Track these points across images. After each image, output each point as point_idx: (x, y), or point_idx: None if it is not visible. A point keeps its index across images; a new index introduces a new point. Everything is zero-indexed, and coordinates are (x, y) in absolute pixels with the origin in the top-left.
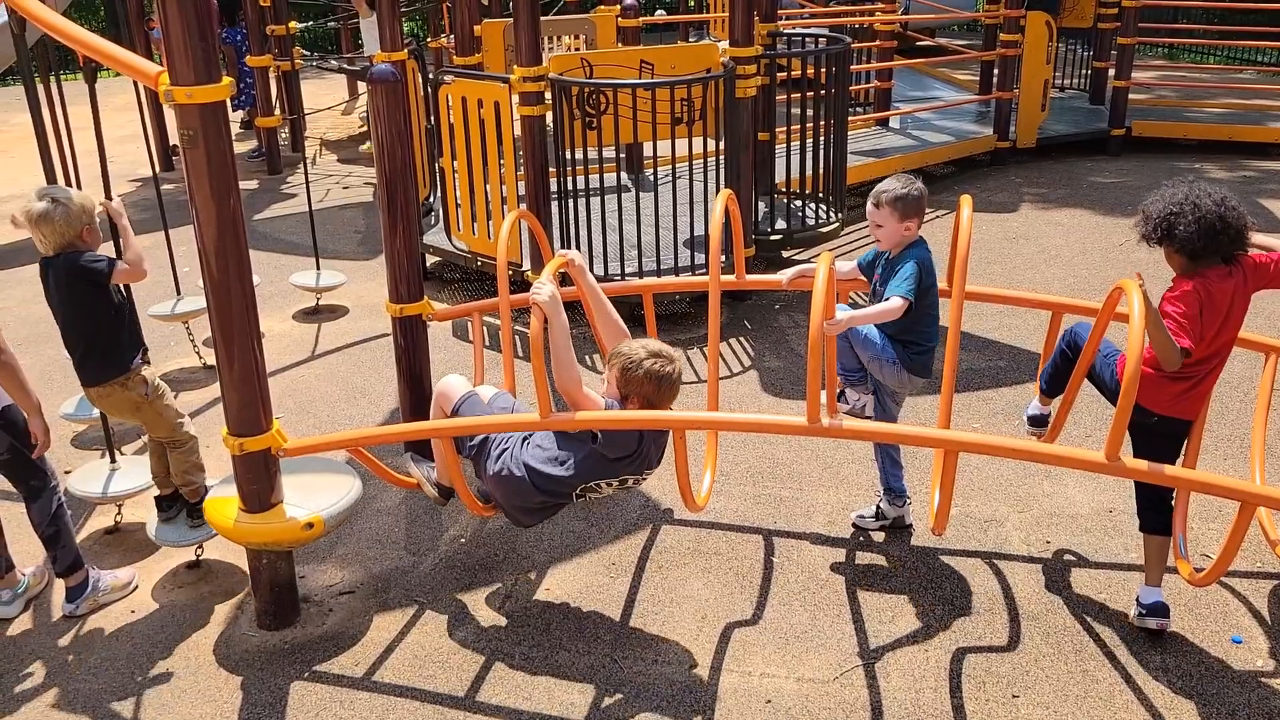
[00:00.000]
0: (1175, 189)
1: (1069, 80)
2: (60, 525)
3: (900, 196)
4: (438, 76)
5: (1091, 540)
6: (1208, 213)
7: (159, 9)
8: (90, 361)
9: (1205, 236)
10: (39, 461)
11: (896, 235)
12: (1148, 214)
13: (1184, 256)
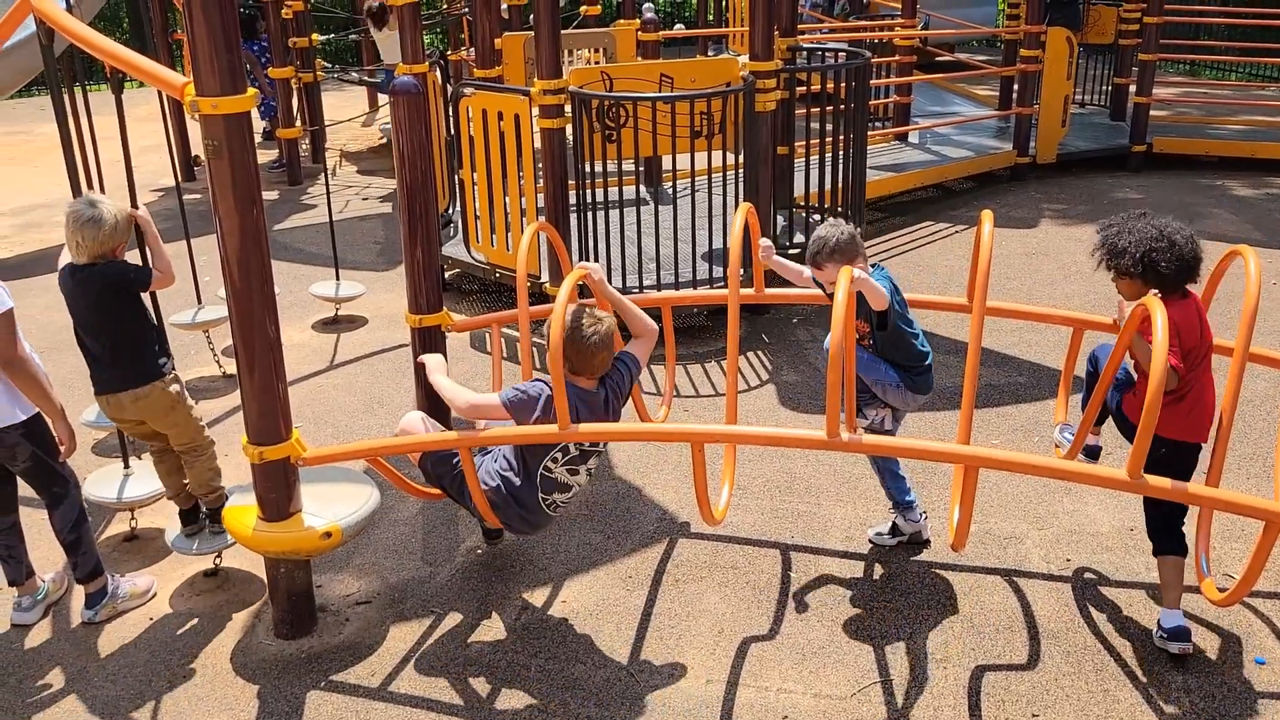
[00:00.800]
0: (1139, 223)
1: (1089, 96)
2: (81, 532)
3: (835, 249)
4: (458, 89)
5: (1113, 559)
6: (1184, 248)
7: (186, 22)
8: (121, 367)
9: (1184, 271)
10: (61, 468)
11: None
12: (1119, 248)
13: (1156, 287)
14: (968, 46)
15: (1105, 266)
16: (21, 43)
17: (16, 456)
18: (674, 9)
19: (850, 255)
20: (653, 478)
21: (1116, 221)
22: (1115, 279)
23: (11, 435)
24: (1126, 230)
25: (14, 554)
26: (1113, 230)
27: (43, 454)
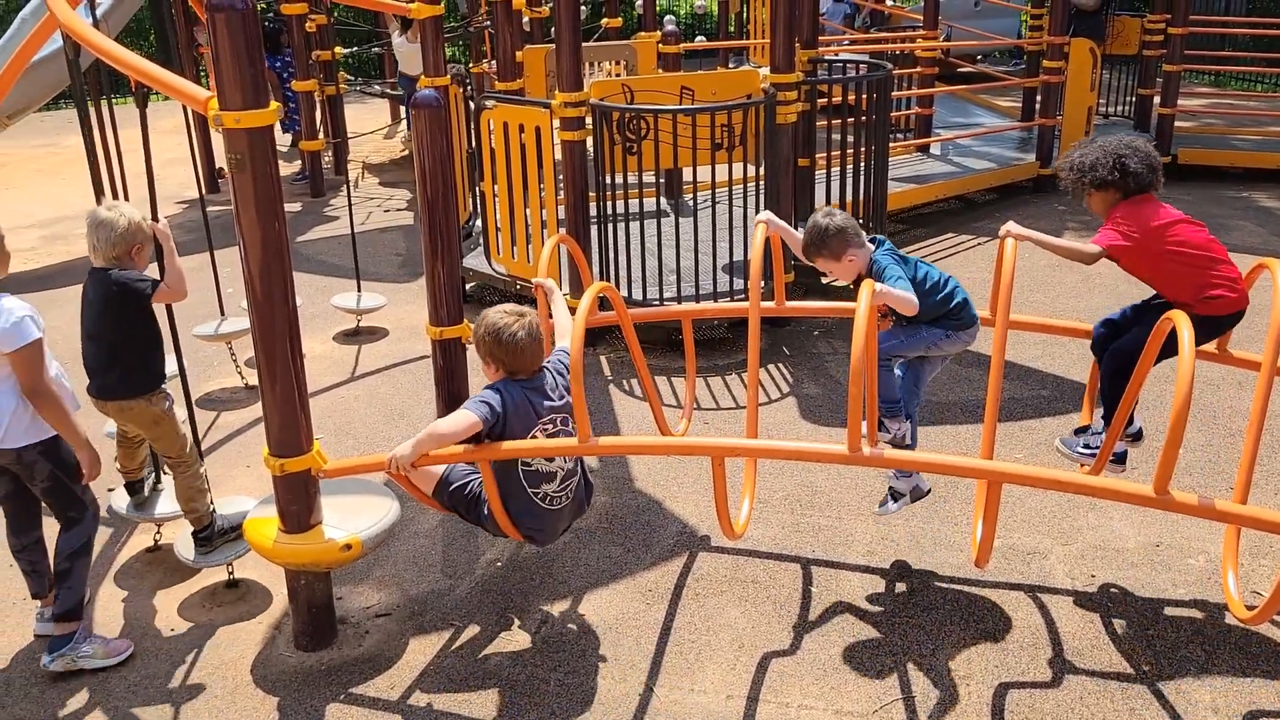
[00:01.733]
0: (1097, 141)
1: (1113, 107)
2: (75, 565)
3: (823, 241)
4: (479, 102)
5: (1138, 575)
6: (1146, 149)
7: (209, 37)
8: (113, 376)
9: (1153, 169)
10: (81, 493)
11: (849, 270)
12: (1089, 163)
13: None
14: (990, 57)
15: (1079, 185)
16: (49, 57)
17: (35, 475)
18: (695, 21)
19: (838, 249)
20: (673, 491)
21: (1075, 148)
22: (1089, 196)
23: (30, 453)
24: (1089, 149)
25: (37, 568)
26: (1076, 155)
27: (62, 475)
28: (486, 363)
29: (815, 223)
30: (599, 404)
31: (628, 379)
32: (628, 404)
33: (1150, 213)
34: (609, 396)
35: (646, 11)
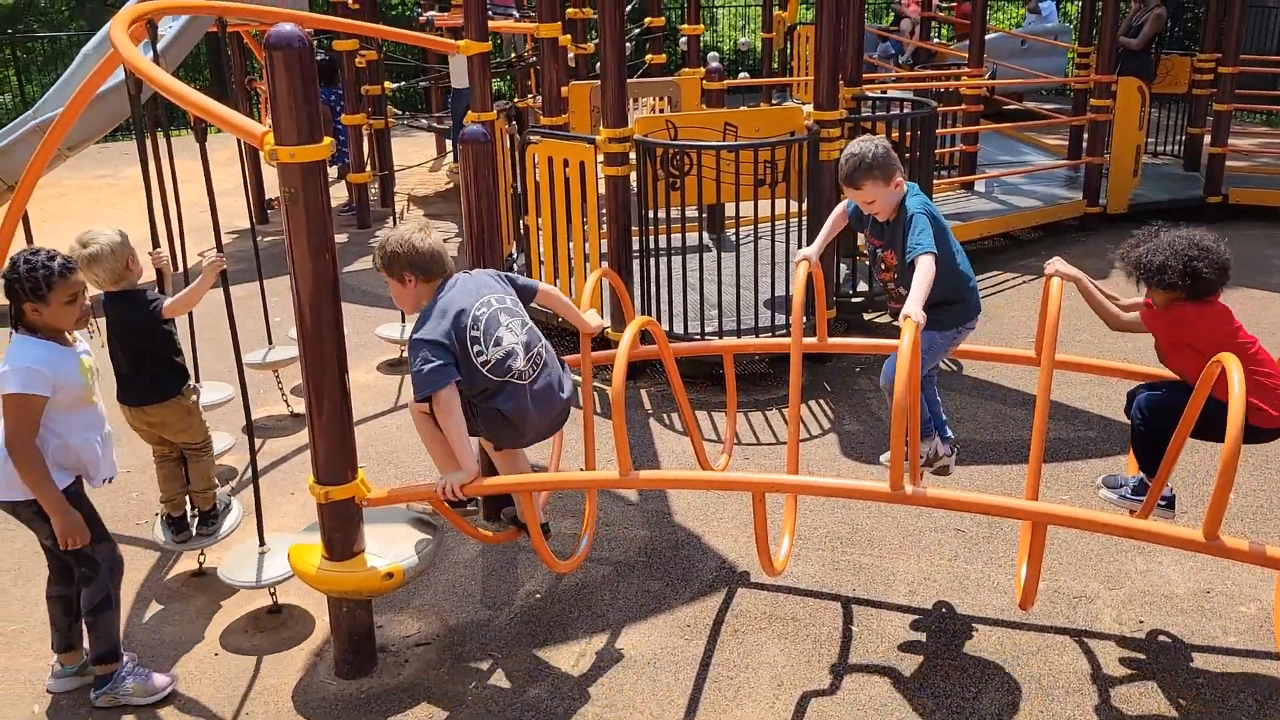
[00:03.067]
0: (1166, 237)
1: (1163, 146)
2: (100, 618)
3: (872, 164)
4: (525, 137)
5: (1188, 622)
6: (1218, 251)
7: (267, 75)
8: (142, 386)
9: (1224, 274)
10: (93, 551)
11: (892, 199)
12: (1158, 264)
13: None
14: (1035, 95)
15: (1146, 284)
16: (109, 91)
17: (37, 532)
18: (738, 57)
19: (888, 170)
20: (712, 525)
21: (1139, 240)
22: (1151, 292)
23: (25, 511)
24: (1156, 247)
25: (56, 624)
26: (1141, 250)
27: None
28: (404, 280)
29: (859, 148)
30: (639, 437)
31: (668, 413)
32: (668, 438)
33: (1216, 320)
34: (649, 430)
35: (690, 48)
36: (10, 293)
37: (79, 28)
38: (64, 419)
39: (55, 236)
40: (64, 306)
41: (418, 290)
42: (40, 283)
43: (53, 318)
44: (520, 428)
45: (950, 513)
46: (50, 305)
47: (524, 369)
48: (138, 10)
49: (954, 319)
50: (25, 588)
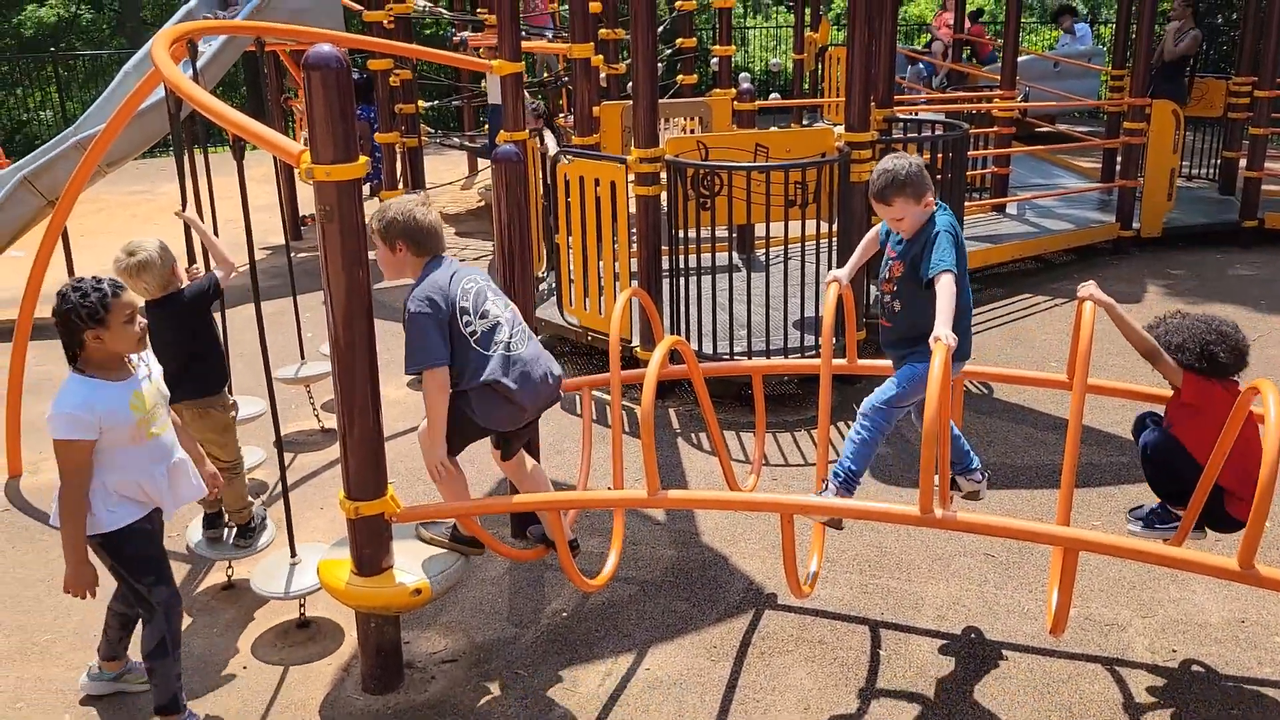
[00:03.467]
0: (1186, 320)
1: (1197, 169)
2: (157, 665)
3: (906, 181)
4: (557, 155)
5: (1222, 652)
6: (1235, 337)
7: (305, 94)
8: (186, 384)
9: (1240, 359)
10: (149, 593)
11: (920, 218)
12: (1176, 345)
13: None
14: (1068, 117)
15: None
16: (149, 108)
17: (101, 562)
18: (769, 78)
19: (920, 188)
20: (740, 546)
21: (1161, 322)
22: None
23: (91, 541)
24: (1176, 329)
25: (107, 633)
26: (1161, 330)
27: (123, 572)
28: (395, 248)
29: (892, 164)
30: (666, 457)
31: (695, 432)
32: (695, 457)
33: (1229, 397)
34: (677, 449)
35: (722, 69)
36: (68, 325)
37: (120, 46)
38: (121, 454)
39: (94, 251)
40: (124, 327)
41: (405, 261)
42: (96, 306)
43: (114, 341)
44: (517, 400)
45: (980, 537)
46: (110, 328)
47: (511, 339)
48: (179, 30)
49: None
50: (58, 598)
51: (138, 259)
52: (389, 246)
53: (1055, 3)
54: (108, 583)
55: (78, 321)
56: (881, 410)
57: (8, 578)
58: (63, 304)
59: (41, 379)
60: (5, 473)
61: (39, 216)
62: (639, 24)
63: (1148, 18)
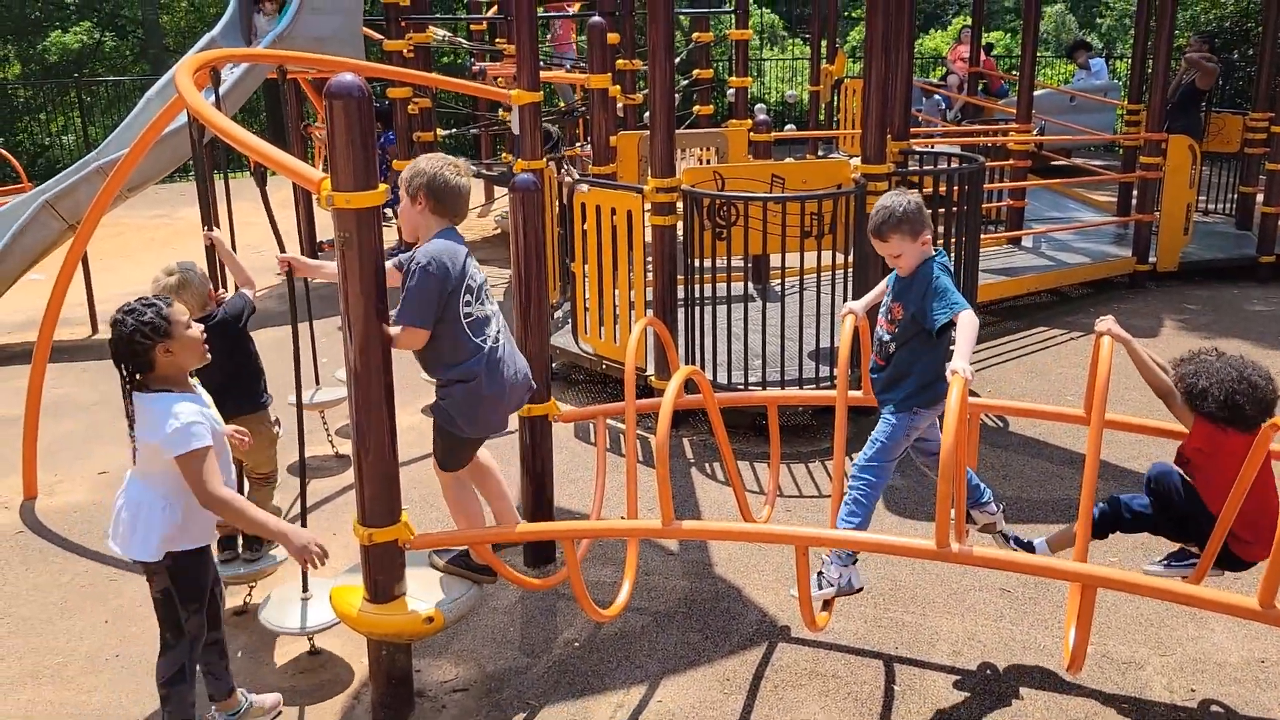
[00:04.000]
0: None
1: (1214, 204)
2: (172, 693)
3: (903, 218)
4: (574, 184)
5: (1242, 692)
6: (1264, 389)
7: (327, 121)
8: (232, 398)
9: (1266, 412)
10: (185, 621)
11: (918, 254)
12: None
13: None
14: (1084, 151)
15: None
16: (170, 134)
17: (152, 584)
18: (784, 109)
19: (917, 226)
20: (753, 578)
21: (1193, 360)
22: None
23: (155, 564)
24: (1205, 371)
25: (212, 670)
26: (1189, 369)
27: (175, 594)
28: (417, 201)
29: (890, 201)
30: (680, 486)
31: (709, 462)
32: (709, 487)
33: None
34: (690, 479)
35: (738, 100)
36: (134, 346)
37: (142, 72)
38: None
39: (112, 275)
40: (187, 334)
41: (424, 218)
42: (156, 319)
43: (182, 350)
44: (505, 401)
45: (995, 572)
46: (176, 338)
47: (499, 335)
48: (203, 58)
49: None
50: (70, 621)
51: (176, 279)
52: (411, 197)
53: (1071, 38)
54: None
55: (145, 339)
56: (873, 468)
57: (21, 600)
58: (123, 328)
59: (59, 401)
60: (21, 495)
61: (60, 240)
62: (657, 55)
63: (1164, 52)
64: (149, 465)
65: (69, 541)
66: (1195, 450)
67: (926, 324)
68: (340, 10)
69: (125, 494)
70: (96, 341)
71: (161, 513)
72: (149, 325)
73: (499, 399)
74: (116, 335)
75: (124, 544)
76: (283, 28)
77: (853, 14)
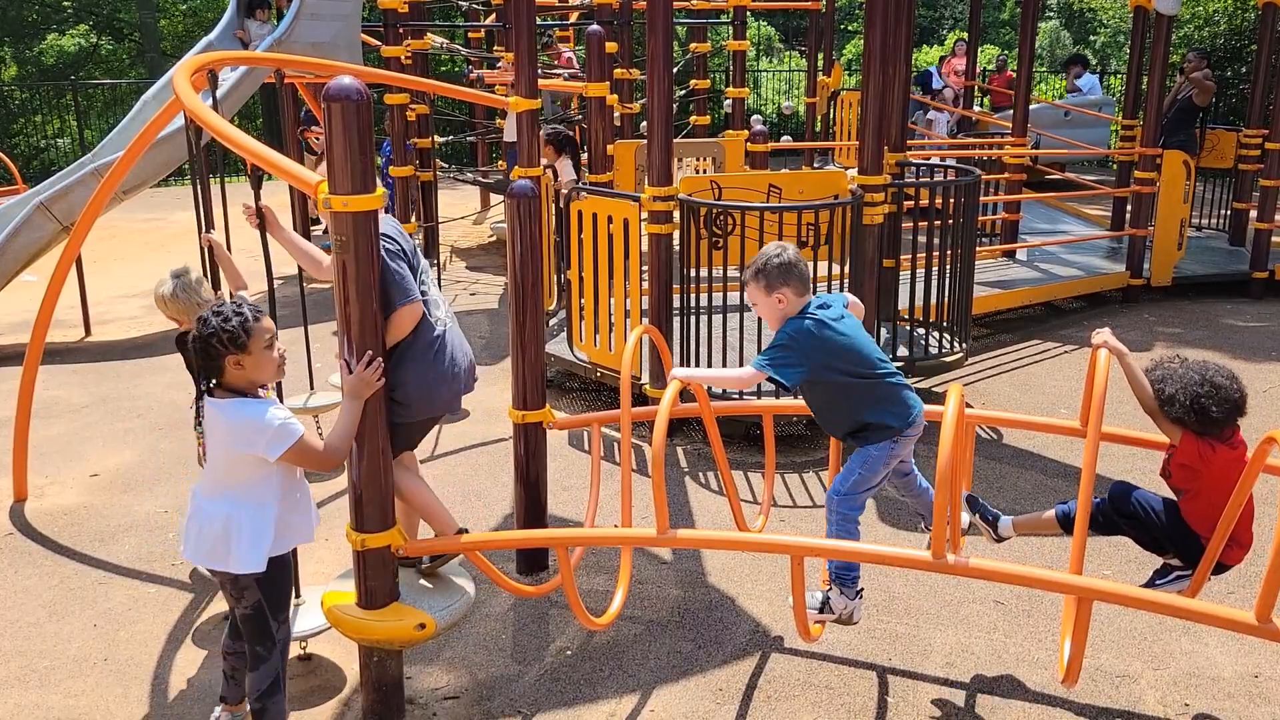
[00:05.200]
0: (1181, 369)
1: (1207, 220)
2: (268, 705)
3: (760, 269)
4: (571, 192)
5: (1235, 707)
6: (1229, 389)
7: (324, 126)
8: None
9: (1234, 413)
10: (276, 630)
11: (771, 310)
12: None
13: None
14: (1076, 166)
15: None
16: (166, 137)
17: (242, 600)
18: (780, 121)
19: (772, 284)
20: (746, 588)
21: (1158, 368)
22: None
23: (247, 578)
24: (1170, 377)
25: (236, 676)
26: (1156, 376)
27: (266, 607)
28: None
29: (766, 250)
30: (674, 495)
31: (703, 471)
32: (703, 496)
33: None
34: (684, 488)
35: (735, 110)
36: (208, 350)
37: (138, 76)
38: (284, 478)
39: (106, 277)
40: (264, 352)
41: None
42: (238, 330)
43: (254, 367)
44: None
45: (989, 584)
46: (252, 354)
47: (447, 318)
48: (201, 60)
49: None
50: (59, 624)
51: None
52: None
53: (1066, 53)
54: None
55: (220, 346)
56: (848, 497)
57: (9, 603)
58: (204, 328)
59: (51, 403)
60: (11, 497)
61: (54, 242)
62: (655, 65)
63: (1159, 68)
64: (234, 475)
65: (59, 544)
66: (1180, 466)
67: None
68: (338, 16)
69: (208, 507)
70: (89, 344)
71: (262, 521)
72: (228, 334)
73: (451, 378)
74: (196, 332)
75: (221, 559)
76: (280, 33)
77: (849, 27)
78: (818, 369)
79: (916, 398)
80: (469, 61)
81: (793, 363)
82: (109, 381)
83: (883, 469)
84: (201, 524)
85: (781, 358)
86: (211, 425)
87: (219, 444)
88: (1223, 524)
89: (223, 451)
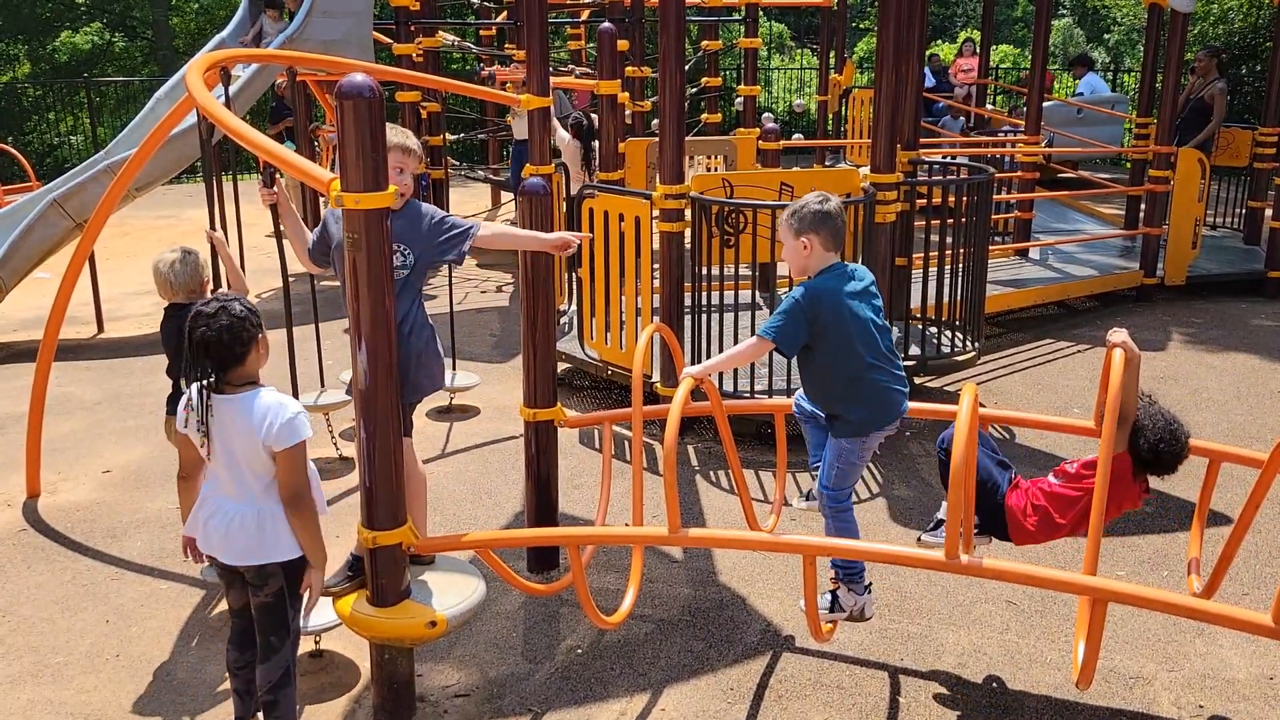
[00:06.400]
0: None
1: (1221, 219)
2: (279, 697)
3: (795, 210)
4: (581, 191)
5: (1251, 709)
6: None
7: (338, 121)
8: None
9: (1173, 466)
10: (292, 620)
11: (795, 255)
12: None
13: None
14: (1090, 164)
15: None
16: (179, 134)
17: (264, 588)
18: (791, 119)
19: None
20: (758, 587)
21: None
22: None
23: (274, 565)
24: (1146, 413)
25: (250, 688)
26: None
27: (287, 595)
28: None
29: (808, 195)
30: (685, 494)
31: (714, 470)
32: (714, 495)
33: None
34: (695, 487)
35: (747, 108)
36: (242, 335)
37: (151, 73)
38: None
39: (119, 274)
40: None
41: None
42: (255, 312)
43: (267, 349)
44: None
45: (1002, 584)
46: (264, 335)
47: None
48: (214, 58)
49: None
50: (72, 619)
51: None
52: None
53: (1075, 51)
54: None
55: (253, 329)
56: (833, 491)
57: (22, 599)
58: (230, 315)
59: (62, 400)
60: (24, 493)
61: (67, 239)
62: (668, 63)
63: (1174, 66)
64: (258, 465)
65: (71, 540)
66: (1088, 466)
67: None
68: (350, 14)
69: (230, 507)
70: (102, 340)
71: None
72: (255, 316)
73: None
74: (218, 325)
75: (256, 553)
76: (292, 30)
77: (860, 25)
78: (816, 336)
79: (904, 400)
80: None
81: (794, 329)
82: (121, 378)
83: (858, 460)
84: (229, 524)
85: (786, 324)
86: (229, 417)
87: (240, 437)
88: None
89: (245, 442)
